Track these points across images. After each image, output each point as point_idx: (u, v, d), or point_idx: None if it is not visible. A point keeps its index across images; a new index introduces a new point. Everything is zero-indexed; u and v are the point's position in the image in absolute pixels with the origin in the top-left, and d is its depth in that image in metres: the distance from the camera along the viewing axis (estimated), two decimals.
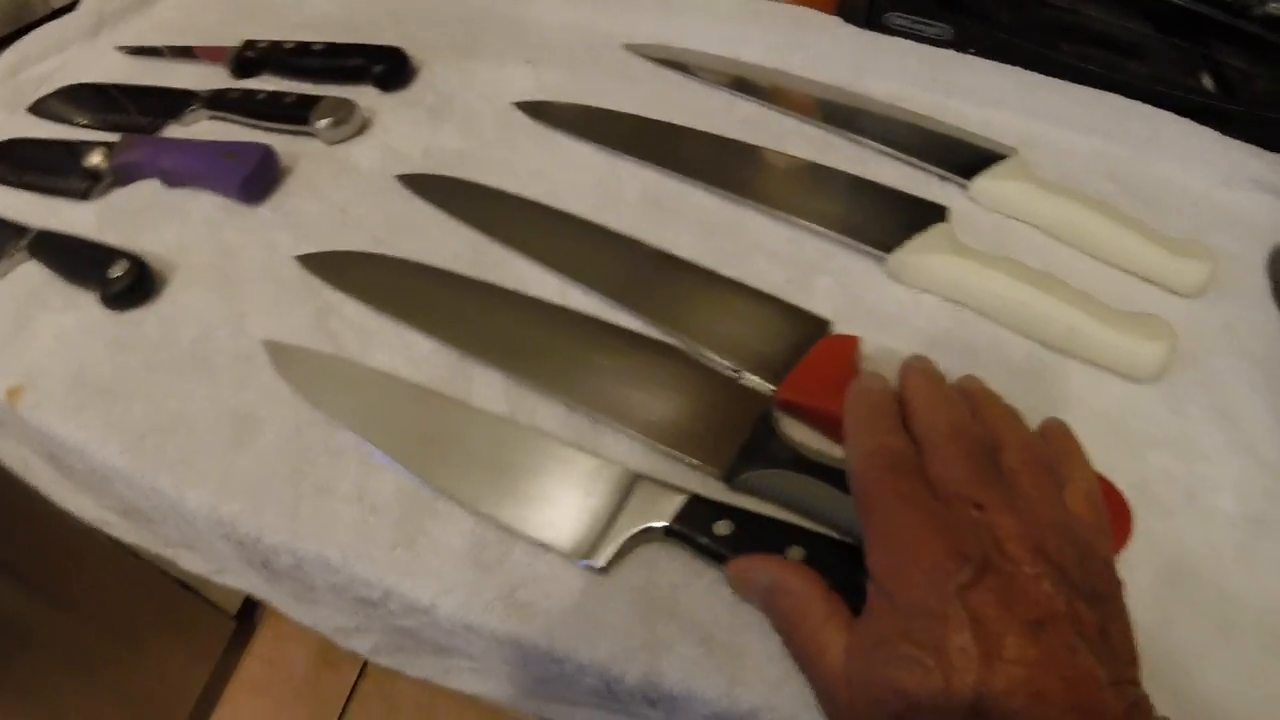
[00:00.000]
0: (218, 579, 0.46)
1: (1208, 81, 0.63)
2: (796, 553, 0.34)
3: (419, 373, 0.42)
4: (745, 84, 0.54)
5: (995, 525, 0.28)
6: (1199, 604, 0.36)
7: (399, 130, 0.53)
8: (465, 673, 0.41)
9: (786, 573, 0.32)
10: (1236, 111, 0.62)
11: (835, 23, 0.57)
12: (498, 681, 0.40)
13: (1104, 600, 0.27)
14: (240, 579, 0.45)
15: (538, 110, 0.52)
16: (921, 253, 0.44)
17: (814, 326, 0.42)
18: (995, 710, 0.25)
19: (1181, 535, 0.39)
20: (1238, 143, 0.58)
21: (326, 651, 1.10)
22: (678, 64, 0.55)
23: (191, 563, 0.46)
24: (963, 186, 0.49)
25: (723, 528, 0.34)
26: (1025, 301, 0.43)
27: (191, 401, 0.42)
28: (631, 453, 0.38)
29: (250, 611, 1.12)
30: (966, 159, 0.50)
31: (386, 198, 0.49)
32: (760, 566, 0.33)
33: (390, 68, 0.55)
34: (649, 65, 0.56)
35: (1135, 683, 0.27)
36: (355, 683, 1.10)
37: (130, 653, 0.88)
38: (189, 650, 1.02)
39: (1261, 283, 0.54)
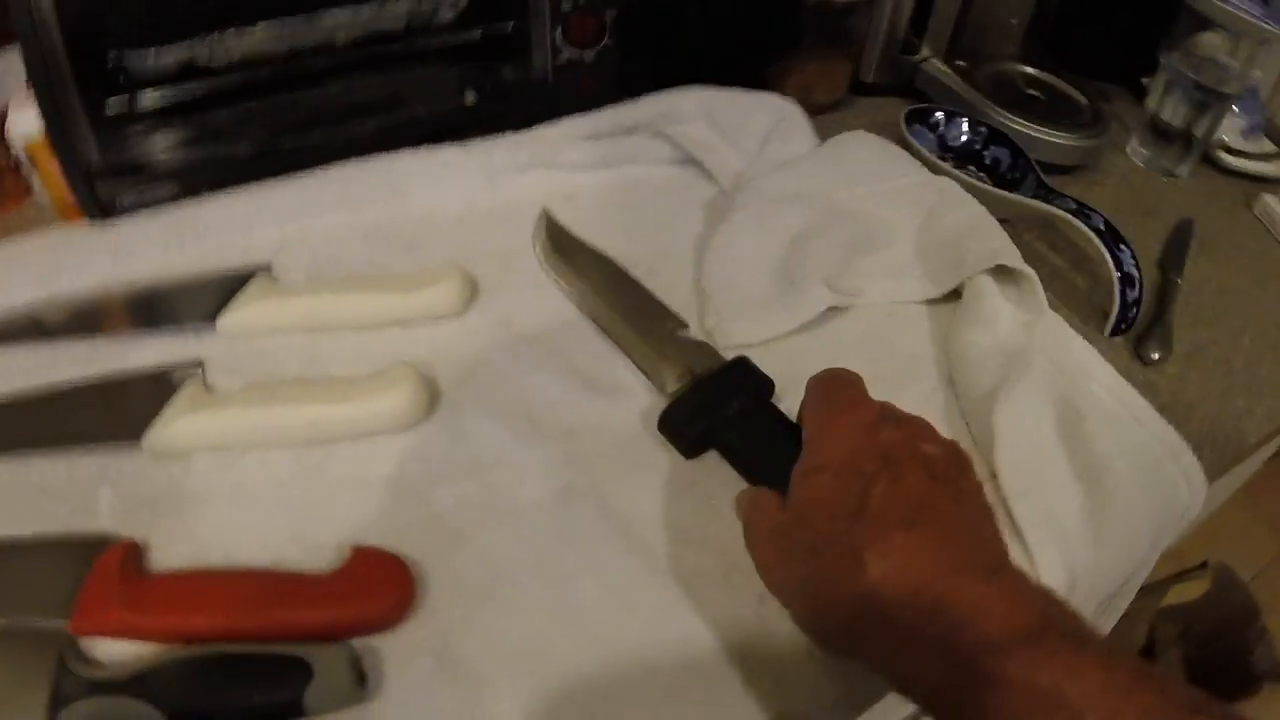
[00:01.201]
0: None
1: (472, 95, 0.69)
2: None
3: None
4: (12, 331, 0.53)
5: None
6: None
7: None
8: None
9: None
10: (502, 108, 0.68)
11: (81, 231, 0.58)
12: None
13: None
14: None
15: None
16: (170, 424, 0.47)
17: (94, 547, 0.43)
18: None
19: (493, 544, 0.44)
20: (480, 142, 0.64)
21: None
22: None
23: None
24: (214, 330, 0.52)
25: None
26: (266, 422, 0.47)
27: None
28: None
29: None
30: (217, 300, 0.53)
31: None
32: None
33: None
34: None
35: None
36: None
37: None
38: None
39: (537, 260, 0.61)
